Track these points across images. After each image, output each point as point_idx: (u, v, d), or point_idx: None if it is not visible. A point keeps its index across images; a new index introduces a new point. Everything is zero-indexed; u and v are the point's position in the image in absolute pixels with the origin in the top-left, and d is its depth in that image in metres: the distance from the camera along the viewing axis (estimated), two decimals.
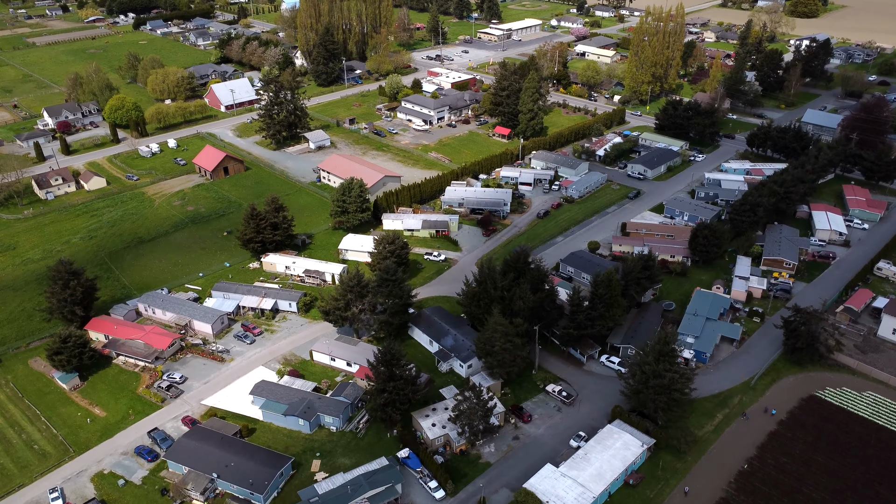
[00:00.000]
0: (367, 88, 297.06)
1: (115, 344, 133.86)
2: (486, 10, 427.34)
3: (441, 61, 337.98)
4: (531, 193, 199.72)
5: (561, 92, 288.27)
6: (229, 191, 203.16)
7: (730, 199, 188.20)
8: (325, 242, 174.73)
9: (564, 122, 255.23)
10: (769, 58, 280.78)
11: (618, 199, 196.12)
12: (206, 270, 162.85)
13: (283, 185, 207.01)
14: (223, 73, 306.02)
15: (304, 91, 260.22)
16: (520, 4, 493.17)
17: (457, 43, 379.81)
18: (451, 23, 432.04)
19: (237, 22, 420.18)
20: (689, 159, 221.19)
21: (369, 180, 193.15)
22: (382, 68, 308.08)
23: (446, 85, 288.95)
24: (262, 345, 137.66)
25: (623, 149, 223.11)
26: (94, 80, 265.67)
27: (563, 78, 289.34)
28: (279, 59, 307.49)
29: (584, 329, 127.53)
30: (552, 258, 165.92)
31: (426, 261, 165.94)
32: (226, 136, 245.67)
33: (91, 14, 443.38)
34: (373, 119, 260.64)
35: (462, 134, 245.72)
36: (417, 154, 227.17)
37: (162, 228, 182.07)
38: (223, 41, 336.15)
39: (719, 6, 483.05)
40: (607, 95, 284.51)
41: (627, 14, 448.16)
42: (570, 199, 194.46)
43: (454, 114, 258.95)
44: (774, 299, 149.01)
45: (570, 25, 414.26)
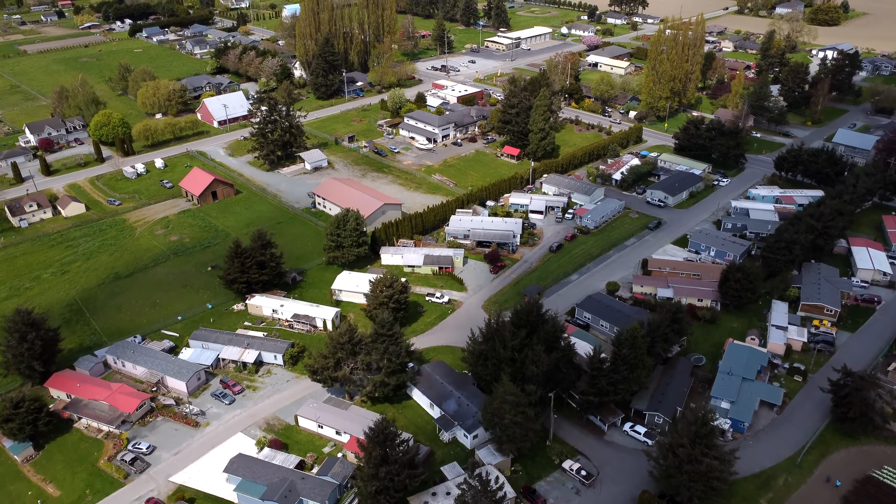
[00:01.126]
0: (369, 102, 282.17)
1: (77, 405, 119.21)
2: (494, 17, 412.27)
3: (446, 72, 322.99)
4: (543, 223, 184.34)
5: (573, 107, 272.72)
6: (217, 218, 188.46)
7: (760, 232, 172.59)
8: (317, 279, 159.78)
9: (577, 141, 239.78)
10: (794, 71, 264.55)
11: (637, 230, 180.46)
12: (186, 312, 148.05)
13: (275, 211, 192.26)
14: (218, 86, 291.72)
15: (301, 107, 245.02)
16: (528, 11, 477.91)
17: (463, 52, 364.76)
18: (458, 30, 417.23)
19: (236, 29, 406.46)
20: (713, 184, 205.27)
21: (367, 209, 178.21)
22: (385, 80, 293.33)
23: (452, 99, 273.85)
24: (242, 405, 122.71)
25: (641, 172, 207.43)
26: (80, 93, 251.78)
27: (576, 92, 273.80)
28: (277, 70, 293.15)
29: (606, 395, 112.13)
30: (567, 300, 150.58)
31: (428, 303, 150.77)
32: (217, 155, 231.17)
33: (87, 20, 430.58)
34: (374, 136, 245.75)
35: (468, 153, 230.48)
36: (420, 177, 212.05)
37: (141, 262, 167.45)
38: (219, 50, 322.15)
39: (735, 13, 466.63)
40: (622, 111, 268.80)
41: (640, 21, 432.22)
42: (585, 229, 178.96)
43: (460, 131, 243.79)
44: (817, 353, 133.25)
45: (580, 33, 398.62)
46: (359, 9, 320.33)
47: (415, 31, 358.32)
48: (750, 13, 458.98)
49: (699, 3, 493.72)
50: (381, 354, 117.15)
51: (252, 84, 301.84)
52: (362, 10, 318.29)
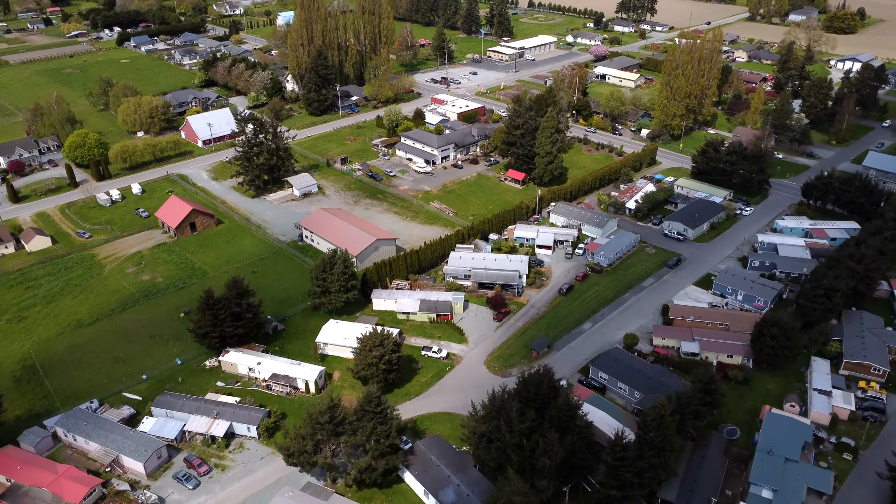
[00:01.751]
0: (364, 118, 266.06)
1: (16, 494, 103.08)
2: (497, 25, 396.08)
3: (447, 85, 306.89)
4: (551, 259, 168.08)
5: (581, 124, 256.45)
6: (195, 253, 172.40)
7: (791, 272, 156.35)
8: (301, 328, 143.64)
9: (586, 162, 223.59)
10: (817, 87, 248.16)
11: (655, 268, 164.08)
12: (152, 370, 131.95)
13: (258, 245, 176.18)
14: (205, 101, 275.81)
15: (289, 129, 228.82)
16: (532, 17, 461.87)
17: (464, 62, 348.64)
18: (459, 38, 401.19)
19: (228, 38, 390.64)
20: (736, 213, 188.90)
21: (358, 245, 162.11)
22: (381, 95, 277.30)
23: (452, 115, 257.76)
24: (208, 489, 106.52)
25: (657, 200, 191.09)
26: (55, 111, 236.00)
27: (584, 108, 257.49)
28: (267, 84, 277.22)
29: (630, 488, 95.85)
30: (579, 354, 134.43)
31: (424, 358, 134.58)
32: (199, 179, 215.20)
33: (74, 28, 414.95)
34: (368, 157, 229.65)
35: (469, 177, 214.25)
36: (417, 205, 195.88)
37: (108, 306, 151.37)
38: (208, 62, 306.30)
39: (746, 20, 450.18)
40: (633, 128, 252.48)
41: (648, 29, 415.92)
42: (598, 267, 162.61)
43: (460, 152, 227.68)
44: (867, 422, 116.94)
45: (587, 42, 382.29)
46: (354, 18, 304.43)
47: (413, 41, 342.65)
48: (762, 20, 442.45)
49: (708, 10, 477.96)
50: (368, 435, 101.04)
51: (242, 99, 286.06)
52: (358, 19, 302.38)
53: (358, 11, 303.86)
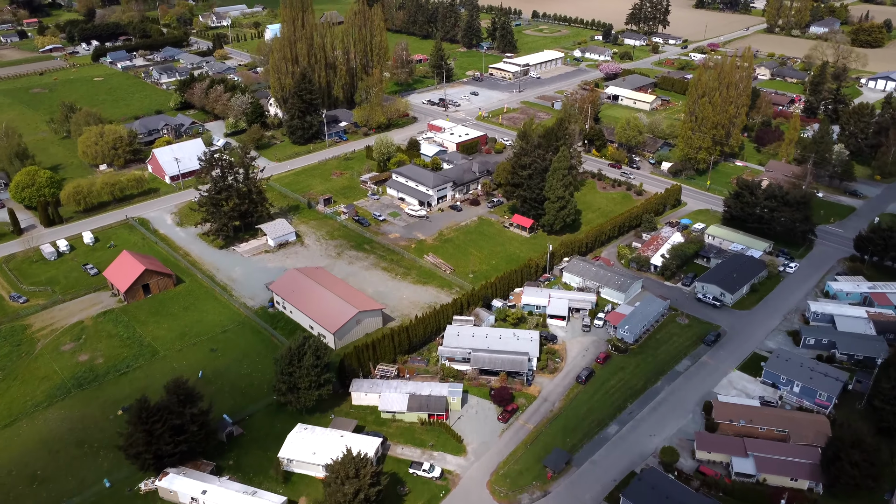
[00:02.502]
0: (353, 148, 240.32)
1: None
2: (499, 38, 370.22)
3: (445, 107, 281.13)
4: (565, 332, 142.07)
5: (594, 155, 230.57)
6: (146, 323, 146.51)
7: (854, 354, 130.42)
8: (264, 432, 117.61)
9: (601, 203, 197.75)
10: (858, 114, 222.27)
11: (690, 346, 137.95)
12: (73, 496, 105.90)
13: (221, 312, 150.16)
14: (178, 127, 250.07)
15: (262, 170, 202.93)
16: (536, 29, 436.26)
17: (464, 81, 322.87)
18: (459, 52, 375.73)
19: (212, 53, 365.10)
20: (779, 270, 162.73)
21: (336, 320, 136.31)
22: (373, 121, 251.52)
23: (450, 145, 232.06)
24: None
25: (686, 254, 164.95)
26: (4, 144, 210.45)
27: (597, 138, 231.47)
28: (247, 108, 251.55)
29: None
30: (606, 472, 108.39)
31: (412, 477, 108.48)
32: (162, 224, 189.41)
33: (49, 42, 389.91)
34: (355, 195, 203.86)
35: (469, 222, 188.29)
36: (408, 259, 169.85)
37: (31, 401, 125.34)
38: (184, 83, 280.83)
39: (764, 32, 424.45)
40: (652, 160, 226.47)
41: (661, 43, 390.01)
42: (623, 345, 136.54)
43: (459, 191, 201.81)
44: None
45: (596, 58, 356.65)
46: (344, 35, 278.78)
47: (409, 57, 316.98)
48: (781, 32, 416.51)
49: (722, 20, 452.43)
50: None
51: (220, 124, 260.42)
52: (347, 37, 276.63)
53: (348, 27, 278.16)
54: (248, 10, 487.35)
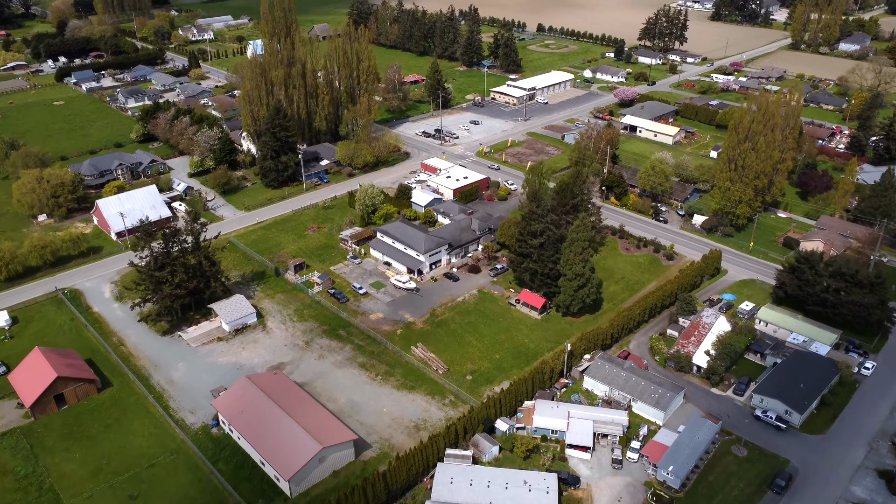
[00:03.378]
0: (334, 193, 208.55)
1: None
2: (502, 57, 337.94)
3: (441, 141, 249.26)
4: (590, 470, 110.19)
5: (613, 204, 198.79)
6: (54, 451, 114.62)
7: None
8: None
9: (625, 269, 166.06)
10: None
11: (754, 495, 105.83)
12: None
13: (153, 433, 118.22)
14: (136, 167, 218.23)
15: (218, 235, 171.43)
16: (542, 45, 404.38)
17: (464, 106, 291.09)
18: (458, 72, 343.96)
19: (187, 72, 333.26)
20: (852, 373, 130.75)
21: (293, 461, 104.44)
22: (358, 159, 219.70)
23: (446, 191, 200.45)
24: None
25: (736, 350, 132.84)
26: None
27: (617, 184, 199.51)
28: (214, 144, 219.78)
29: None
30: None
31: None
32: (99, 298, 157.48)
33: (13, 58, 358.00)
34: (333, 258, 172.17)
35: (468, 296, 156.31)
36: (392, 352, 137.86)
37: None
38: (147, 112, 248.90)
39: (788, 48, 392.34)
40: (681, 212, 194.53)
41: (678, 61, 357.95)
42: (668, 494, 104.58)
43: (456, 254, 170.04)
44: None
45: (609, 79, 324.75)
46: (327, 58, 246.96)
47: (402, 79, 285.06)
48: (808, 49, 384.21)
49: (742, 35, 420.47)
50: None
51: (187, 160, 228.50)
52: (331, 59, 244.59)
53: (332, 50, 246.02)
54: (233, 22, 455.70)
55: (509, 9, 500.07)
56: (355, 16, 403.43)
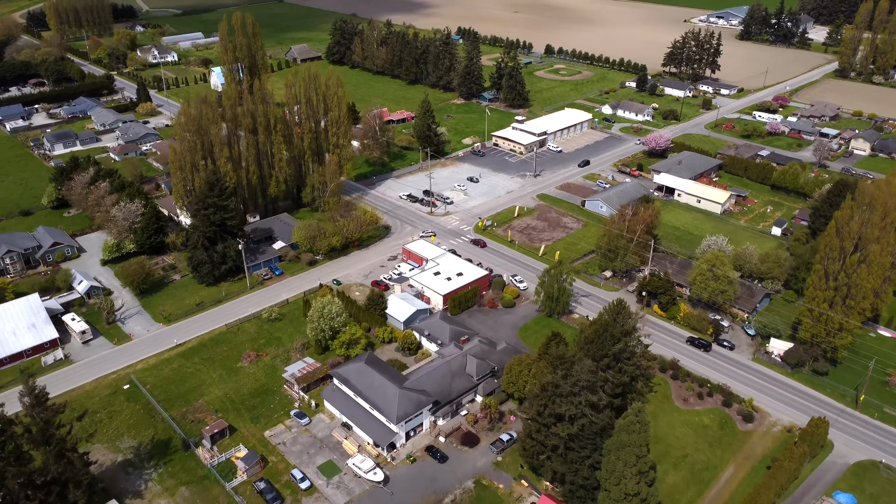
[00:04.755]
0: (288, 293, 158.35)
1: None
2: (506, 89, 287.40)
3: (431, 207, 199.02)
4: None
5: (657, 315, 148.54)
6: None
7: None
8: None
9: (683, 439, 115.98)
10: None
11: None
12: None
13: None
14: (31, 252, 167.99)
15: (63, 408, 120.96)
16: (551, 69, 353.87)
17: (460, 155, 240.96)
18: (455, 105, 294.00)
19: (135, 107, 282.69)
20: None
21: None
22: (321, 244, 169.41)
23: (435, 296, 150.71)
24: None
25: None
26: None
27: (663, 289, 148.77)
28: (136, 221, 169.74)
29: None
30: None
31: None
32: None
33: None
34: (270, 416, 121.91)
35: (460, 494, 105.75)
36: None
37: None
38: (61, 172, 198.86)
39: (834, 75, 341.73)
40: (750, 330, 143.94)
41: (710, 93, 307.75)
42: None
43: (443, 414, 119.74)
44: None
45: (632, 117, 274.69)
46: (288, 102, 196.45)
47: (383, 123, 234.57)
48: (859, 79, 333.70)
49: (777, 58, 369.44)
50: None
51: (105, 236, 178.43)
52: (292, 109, 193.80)
53: (290, 97, 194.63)
54: (203, 41, 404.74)
55: (513, 26, 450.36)
56: (338, 36, 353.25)
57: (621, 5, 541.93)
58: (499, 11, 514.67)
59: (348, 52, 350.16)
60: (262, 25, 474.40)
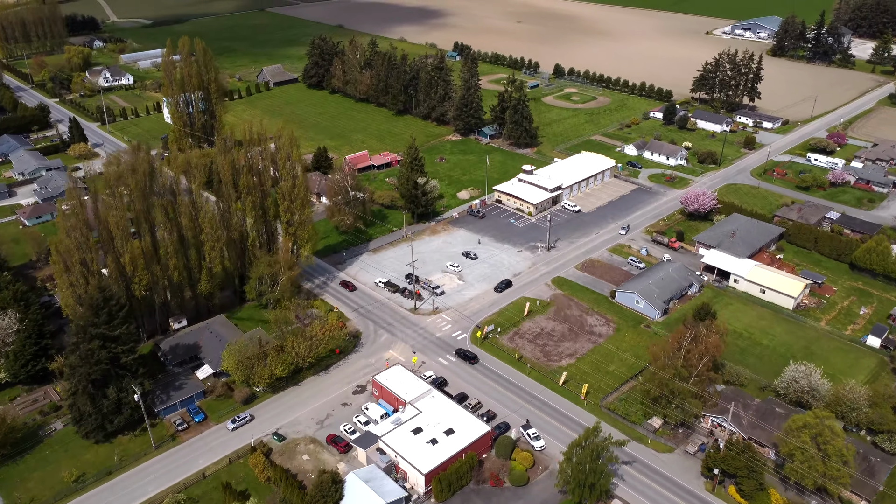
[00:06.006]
0: (212, 454, 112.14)
1: None
2: (511, 125, 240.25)
3: (415, 303, 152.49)
4: None
5: (733, 499, 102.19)
6: None
7: None
8: None
9: None
10: None
11: None
12: None
13: None
14: None
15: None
16: (560, 95, 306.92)
17: (455, 216, 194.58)
18: (450, 144, 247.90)
19: (66, 147, 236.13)
20: None
21: None
22: (260, 374, 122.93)
23: (414, 475, 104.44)
24: None
25: None
26: None
27: (745, 471, 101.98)
28: (10, 342, 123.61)
29: None
30: None
31: None
32: None
33: None
34: None
35: None
36: None
37: None
38: None
39: (889, 102, 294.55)
40: None
41: (750, 126, 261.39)
42: None
43: None
44: None
45: (663, 161, 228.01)
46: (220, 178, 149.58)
47: (354, 181, 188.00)
48: None
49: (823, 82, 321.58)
50: None
51: None
52: (227, 181, 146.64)
53: (223, 166, 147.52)
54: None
55: (516, 39, 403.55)
56: (316, 56, 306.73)
57: (634, 14, 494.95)
58: (499, 21, 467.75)
59: (327, 76, 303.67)
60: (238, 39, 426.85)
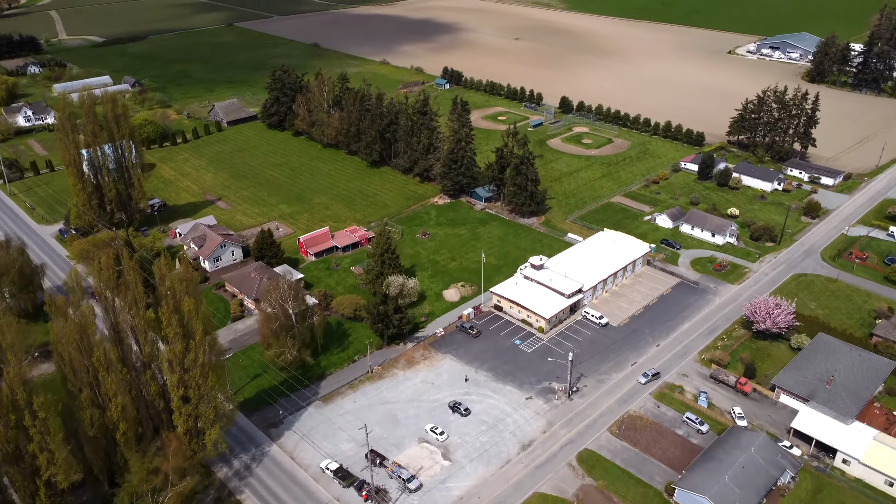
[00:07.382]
0: None
1: None
2: (513, 190, 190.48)
3: (376, 497, 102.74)
4: None
5: None
6: None
7: None
8: None
9: None
10: None
11: None
12: None
13: None
14: None
15: None
16: (568, 137, 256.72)
17: (440, 332, 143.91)
18: (436, 211, 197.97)
19: None
20: None
21: None
22: None
23: None
24: None
25: None
26: None
27: None
28: None
29: None
30: None
31: None
32: None
33: None
34: None
35: None
36: None
37: None
38: None
39: None
40: None
41: (808, 183, 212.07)
42: None
43: None
44: None
45: (707, 238, 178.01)
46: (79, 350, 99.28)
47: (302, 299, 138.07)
48: None
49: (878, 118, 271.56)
50: None
51: None
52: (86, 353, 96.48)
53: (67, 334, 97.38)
54: (112, 89, 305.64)
55: (514, 62, 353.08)
56: (277, 92, 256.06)
57: (642, 28, 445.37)
58: (495, 38, 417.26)
59: (290, 115, 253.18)
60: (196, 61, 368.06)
